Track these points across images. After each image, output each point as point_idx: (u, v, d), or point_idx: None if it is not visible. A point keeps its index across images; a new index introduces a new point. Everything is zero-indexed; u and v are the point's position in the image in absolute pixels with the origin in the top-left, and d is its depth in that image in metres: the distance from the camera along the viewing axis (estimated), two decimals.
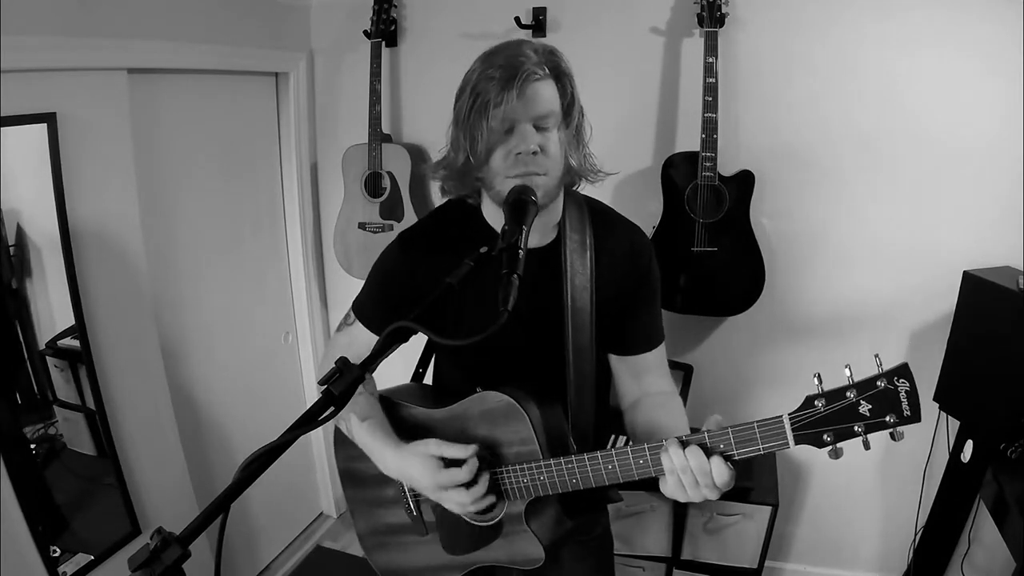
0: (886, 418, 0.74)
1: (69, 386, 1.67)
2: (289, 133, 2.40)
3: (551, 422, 1.03)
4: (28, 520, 1.51)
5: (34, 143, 1.50)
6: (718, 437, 0.84)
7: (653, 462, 0.89)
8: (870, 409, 0.74)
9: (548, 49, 0.99)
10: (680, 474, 0.85)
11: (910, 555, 2.12)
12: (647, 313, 1.15)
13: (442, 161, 1.07)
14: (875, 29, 1.83)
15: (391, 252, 1.14)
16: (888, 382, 0.74)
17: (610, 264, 1.11)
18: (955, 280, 1.80)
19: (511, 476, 1.02)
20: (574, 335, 1.08)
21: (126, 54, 1.71)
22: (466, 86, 0.99)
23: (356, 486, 1.23)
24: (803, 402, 0.78)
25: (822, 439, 0.77)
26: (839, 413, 0.75)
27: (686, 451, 0.84)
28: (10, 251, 1.53)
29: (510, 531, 1.07)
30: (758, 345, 2.16)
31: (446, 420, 1.09)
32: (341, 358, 0.76)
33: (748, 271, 1.95)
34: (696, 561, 2.05)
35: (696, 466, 0.83)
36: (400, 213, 2.21)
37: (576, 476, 0.96)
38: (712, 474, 0.83)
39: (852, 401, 0.75)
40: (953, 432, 1.91)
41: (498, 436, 1.02)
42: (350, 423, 1.12)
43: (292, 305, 2.59)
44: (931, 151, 1.86)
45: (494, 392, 1.02)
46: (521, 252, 0.87)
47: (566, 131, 1.01)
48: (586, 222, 1.11)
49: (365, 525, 1.25)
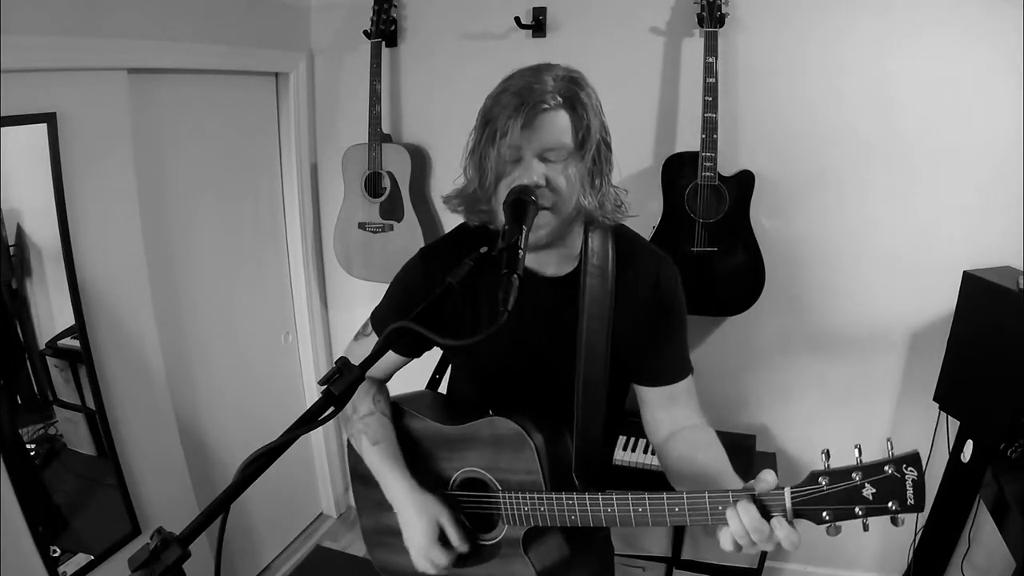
0: (888, 504, 0.73)
1: (69, 386, 1.67)
2: (289, 133, 2.40)
3: (557, 454, 1.03)
4: (28, 520, 1.51)
5: (34, 143, 1.50)
6: (717, 499, 0.83)
7: (653, 513, 0.89)
8: (874, 493, 0.73)
9: (570, 76, 0.95)
10: (737, 538, 0.82)
11: (910, 555, 2.12)
12: (673, 344, 1.11)
13: (458, 190, 1.04)
14: (875, 29, 1.83)
15: (412, 266, 1.13)
16: (896, 469, 0.73)
17: (632, 296, 1.07)
18: (955, 280, 1.79)
19: (513, 503, 1.02)
20: (585, 368, 1.06)
21: (126, 54, 1.71)
22: (482, 111, 0.96)
23: (364, 485, 1.23)
24: (807, 477, 0.77)
25: (821, 516, 0.76)
26: (842, 493, 0.74)
27: (740, 511, 0.80)
28: (10, 251, 1.53)
29: (507, 553, 1.07)
30: (758, 345, 2.16)
31: (455, 438, 1.09)
32: (341, 358, 0.76)
33: (748, 271, 1.95)
34: (696, 561, 2.06)
35: (751, 524, 0.80)
36: (400, 213, 2.21)
37: (575, 514, 0.96)
38: (781, 537, 0.80)
39: (857, 483, 0.74)
40: (953, 432, 1.91)
41: (504, 462, 1.03)
42: (360, 443, 1.13)
43: (292, 305, 2.60)
44: (931, 151, 1.86)
45: (505, 419, 1.02)
46: (521, 252, 0.86)
47: (579, 165, 0.95)
48: (609, 251, 1.07)
49: (369, 523, 1.26)
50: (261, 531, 2.46)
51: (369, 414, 1.14)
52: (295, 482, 2.70)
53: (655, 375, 1.11)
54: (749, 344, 2.16)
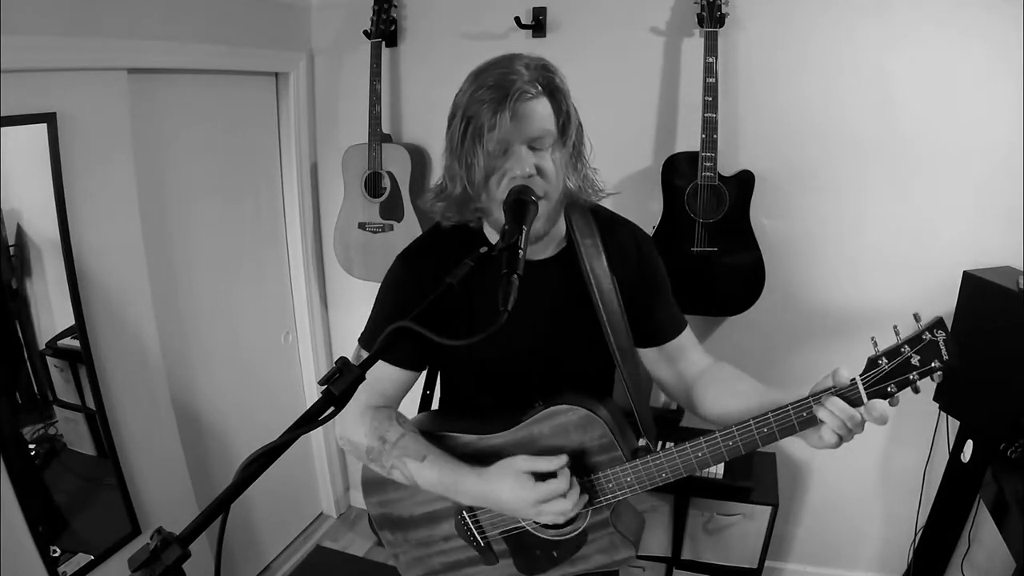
0: (932, 364, 0.86)
1: (69, 386, 1.67)
2: (289, 133, 2.40)
3: (621, 423, 1.06)
4: (28, 520, 1.51)
5: (34, 143, 1.50)
6: (801, 407, 0.91)
7: (744, 440, 0.94)
8: (919, 360, 0.87)
9: (540, 64, 0.96)
10: (837, 430, 0.89)
11: (910, 555, 2.12)
12: (665, 300, 1.17)
13: (438, 192, 1.04)
14: (875, 30, 1.83)
15: (395, 268, 1.13)
16: (931, 334, 0.86)
17: (622, 263, 1.11)
18: (955, 280, 1.80)
19: (596, 483, 1.03)
20: (615, 339, 1.09)
21: (126, 54, 1.71)
22: (457, 110, 0.96)
23: (398, 529, 1.18)
24: (867, 363, 0.89)
25: (887, 391, 0.89)
26: (897, 367, 0.88)
27: (830, 407, 0.89)
28: (10, 251, 1.53)
29: (596, 537, 1.08)
30: (758, 345, 2.16)
31: (512, 444, 1.05)
32: (341, 358, 0.75)
33: (748, 271, 1.95)
34: (696, 561, 2.05)
35: (844, 414, 0.88)
36: (400, 213, 2.21)
37: (665, 470, 0.99)
38: (871, 415, 0.89)
39: (907, 355, 0.87)
40: (953, 432, 1.91)
41: (575, 447, 1.02)
42: (406, 468, 1.05)
43: (292, 305, 2.60)
44: (931, 150, 1.86)
45: (563, 406, 1.01)
46: (521, 252, 0.87)
47: (563, 150, 0.98)
48: (593, 226, 1.10)
49: (419, 569, 1.20)
50: (261, 531, 2.46)
51: (401, 437, 1.07)
52: (295, 482, 2.70)
53: (664, 332, 1.16)
54: (749, 344, 2.16)
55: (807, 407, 0.91)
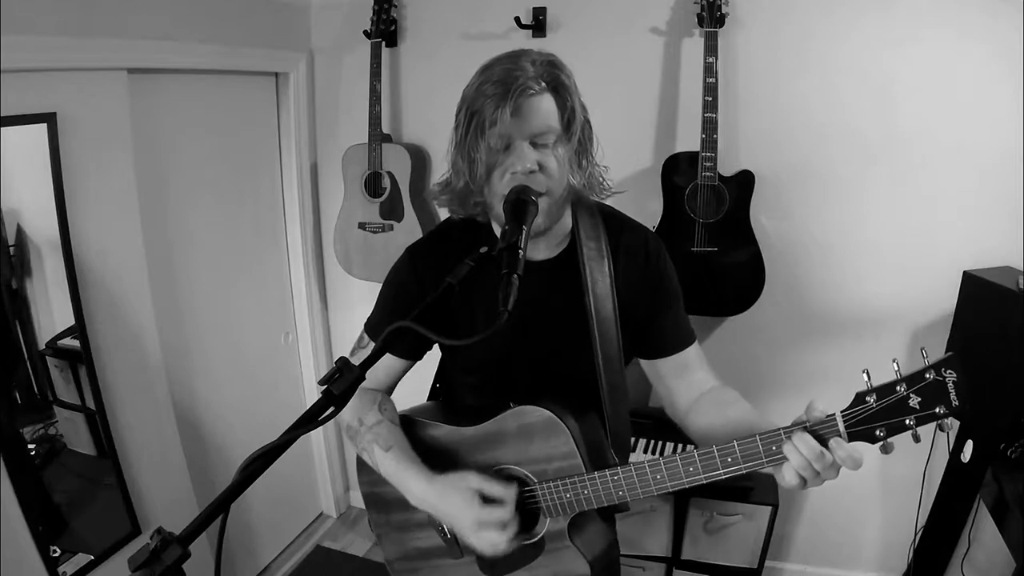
0: (936, 409, 0.73)
1: (69, 386, 1.67)
2: (289, 133, 2.40)
3: (590, 435, 1.01)
4: (28, 520, 1.51)
5: (34, 143, 1.50)
6: (770, 439, 0.82)
7: (705, 467, 0.88)
8: (920, 402, 0.74)
9: (548, 60, 0.95)
10: (800, 470, 0.80)
11: (910, 555, 2.13)
12: (674, 311, 1.12)
13: (444, 185, 1.04)
14: (875, 30, 1.83)
15: (400, 264, 1.13)
16: (936, 374, 0.73)
17: (628, 268, 1.09)
18: (955, 280, 1.80)
19: (554, 492, 1.00)
20: (602, 345, 1.06)
21: (126, 54, 1.71)
22: (463, 104, 0.96)
23: (382, 510, 1.20)
24: (854, 399, 0.77)
25: (874, 435, 0.76)
26: (890, 407, 0.75)
27: (797, 443, 0.79)
28: (10, 251, 1.53)
29: (553, 548, 1.05)
30: (758, 345, 2.16)
31: (478, 438, 1.05)
32: (341, 358, 0.75)
33: (748, 271, 1.95)
34: (696, 561, 2.05)
35: (811, 453, 0.79)
36: (400, 213, 2.21)
37: (623, 488, 0.95)
38: (837, 453, 0.78)
39: (903, 395, 0.74)
40: (953, 432, 1.91)
41: (537, 451, 1.01)
42: (373, 453, 1.09)
43: (292, 305, 2.60)
44: (931, 151, 1.86)
45: (532, 407, 1.00)
46: (521, 252, 0.86)
47: (567, 146, 0.97)
48: (600, 228, 1.08)
49: (394, 550, 1.21)
50: (261, 531, 2.46)
51: (377, 423, 1.11)
52: (295, 482, 2.70)
53: (664, 345, 1.11)
54: (749, 344, 2.16)
55: (777, 439, 0.83)
